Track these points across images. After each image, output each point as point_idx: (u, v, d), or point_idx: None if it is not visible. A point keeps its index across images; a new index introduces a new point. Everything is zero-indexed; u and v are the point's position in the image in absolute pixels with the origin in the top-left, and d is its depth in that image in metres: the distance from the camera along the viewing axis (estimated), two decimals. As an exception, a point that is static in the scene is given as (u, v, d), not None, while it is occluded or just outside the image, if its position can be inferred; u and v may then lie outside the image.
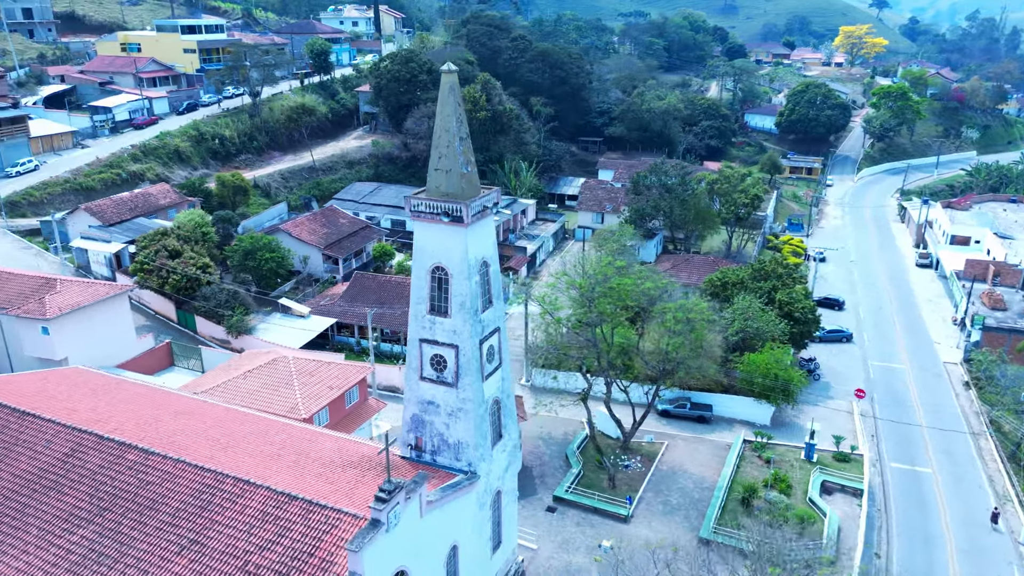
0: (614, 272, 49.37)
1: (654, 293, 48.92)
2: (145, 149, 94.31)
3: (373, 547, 26.28)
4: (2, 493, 30.99)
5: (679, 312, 47.03)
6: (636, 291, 48.63)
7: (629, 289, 48.36)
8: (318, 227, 78.64)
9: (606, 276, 49.01)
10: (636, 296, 48.65)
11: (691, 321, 47.09)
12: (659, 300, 49.16)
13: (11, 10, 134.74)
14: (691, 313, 47.29)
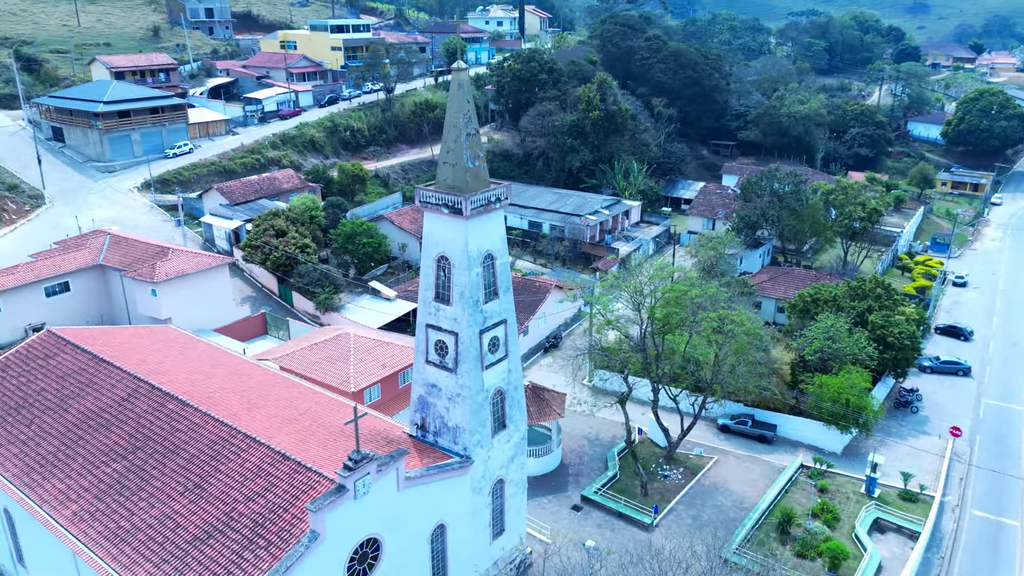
0: (665, 277, 48.33)
1: (699, 301, 47.29)
2: (284, 138, 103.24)
3: (336, 511, 28.21)
4: (68, 425, 36.19)
5: (714, 322, 45.23)
6: (684, 298, 47.32)
7: (678, 295, 47.17)
8: (416, 216, 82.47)
9: (659, 281, 48.11)
10: (683, 303, 47.34)
11: (728, 332, 45.13)
12: (704, 309, 47.46)
13: (196, 9, 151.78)
14: (728, 324, 45.33)
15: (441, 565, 34.99)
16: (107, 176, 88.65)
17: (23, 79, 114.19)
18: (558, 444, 50.06)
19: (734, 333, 45.26)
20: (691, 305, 46.93)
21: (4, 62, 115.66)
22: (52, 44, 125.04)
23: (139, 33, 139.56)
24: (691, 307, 46.76)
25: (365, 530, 29.98)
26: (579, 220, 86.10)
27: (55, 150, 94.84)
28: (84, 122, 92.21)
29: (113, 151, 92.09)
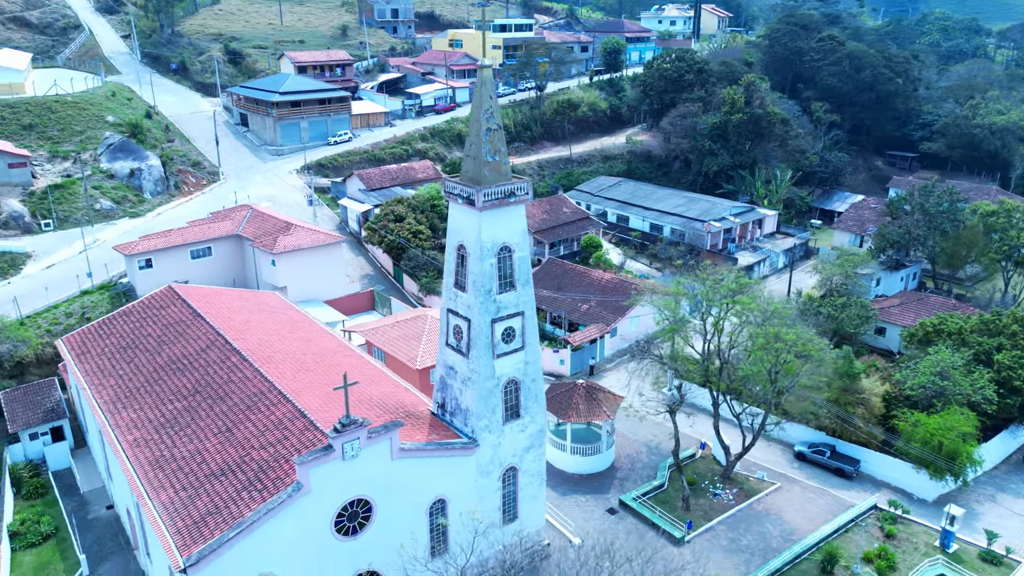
0: (732, 288, 46.17)
1: (760, 316, 44.57)
2: (434, 131, 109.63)
3: (322, 467, 30.98)
4: (155, 366, 42.34)
5: (760, 338, 42.42)
6: (748, 310, 44.94)
7: (742, 308, 44.93)
8: (538, 212, 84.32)
9: (728, 292, 46.14)
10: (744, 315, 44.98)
11: (776, 350, 42.19)
12: (766, 323, 44.66)
13: (383, 10, 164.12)
14: (777, 342, 42.32)
15: (442, 539, 36.76)
16: (275, 159, 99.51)
17: (228, 71, 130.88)
18: (609, 446, 49.76)
19: (780, 351, 42.36)
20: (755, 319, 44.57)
21: (214, 55, 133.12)
22: (255, 40, 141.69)
23: (330, 32, 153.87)
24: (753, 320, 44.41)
25: (354, 491, 32.48)
26: (701, 226, 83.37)
27: (239, 134, 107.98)
28: (263, 110, 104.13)
29: (284, 137, 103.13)
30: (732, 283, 46.86)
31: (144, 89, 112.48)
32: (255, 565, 30.23)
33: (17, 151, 77.02)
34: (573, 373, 61.24)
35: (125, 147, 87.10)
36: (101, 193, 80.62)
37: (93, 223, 76.06)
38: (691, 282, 48.41)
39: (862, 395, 49.47)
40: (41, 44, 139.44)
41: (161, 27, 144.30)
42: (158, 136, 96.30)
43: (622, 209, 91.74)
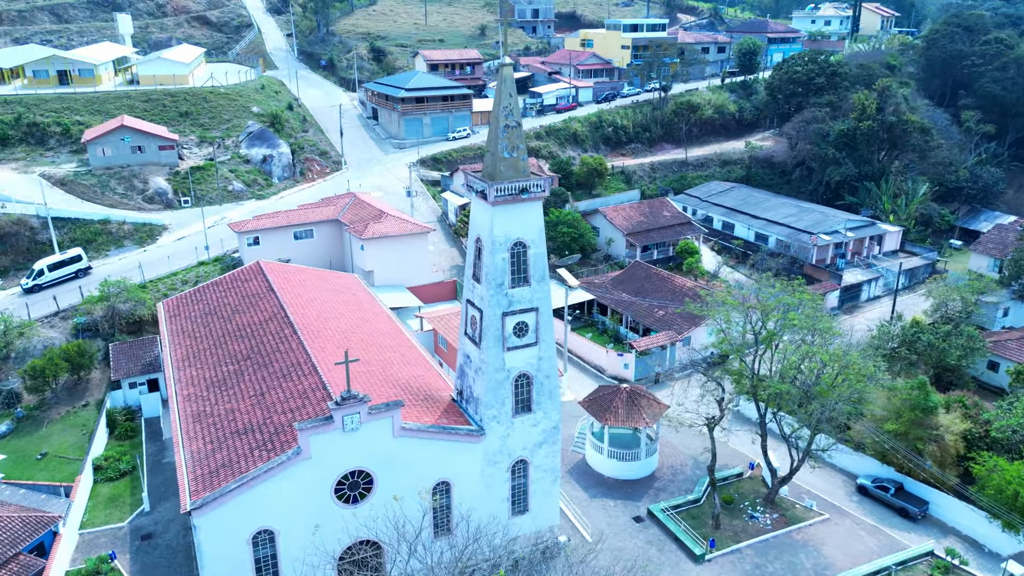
0: (781, 304, 43.59)
1: (805, 332, 41.60)
2: (549, 130, 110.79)
3: (321, 436, 33.27)
4: (224, 331, 46.84)
5: (794, 357, 39.52)
6: (795, 325, 42.26)
7: (791, 325, 42.33)
8: (635, 215, 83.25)
9: (780, 306, 43.71)
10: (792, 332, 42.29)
11: (808, 370, 39.21)
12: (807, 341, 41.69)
13: (523, 10, 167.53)
14: (809, 362, 39.27)
15: (446, 520, 38.05)
16: (397, 152, 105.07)
17: (370, 68, 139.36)
18: (649, 453, 48.78)
19: (814, 370, 39.48)
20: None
21: (359, 53, 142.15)
22: (399, 39, 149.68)
23: (469, 31, 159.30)
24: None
25: (354, 461, 34.51)
26: (808, 238, 78.56)
27: (369, 127, 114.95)
28: (390, 105, 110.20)
29: (407, 131, 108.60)
30: (788, 297, 44.27)
31: (293, 83, 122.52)
32: (256, 517, 33.07)
33: (167, 135, 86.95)
34: (637, 379, 60.28)
35: (262, 135, 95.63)
36: (235, 176, 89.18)
37: (224, 203, 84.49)
38: (730, 291, 46.28)
39: (936, 431, 45.06)
40: (217, 40, 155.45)
41: (318, 27, 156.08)
42: (295, 126, 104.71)
43: (728, 216, 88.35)
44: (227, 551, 32.97)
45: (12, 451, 49.30)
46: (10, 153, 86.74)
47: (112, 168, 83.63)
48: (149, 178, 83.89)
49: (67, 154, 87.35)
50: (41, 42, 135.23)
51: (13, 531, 37.38)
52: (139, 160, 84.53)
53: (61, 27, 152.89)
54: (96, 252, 73.05)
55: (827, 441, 45.06)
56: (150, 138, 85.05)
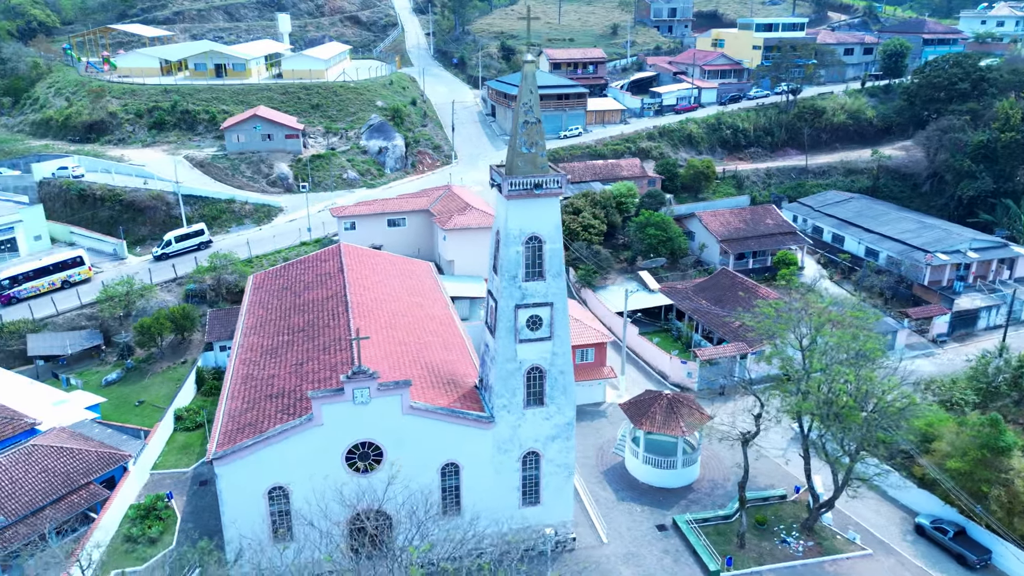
0: (832, 318, 40.76)
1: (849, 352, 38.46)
2: (664, 130, 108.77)
3: (333, 406, 35.73)
4: (292, 305, 50.78)
5: (820, 377, 36.52)
6: (845, 345, 39.36)
7: (838, 343, 39.52)
8: (734, 221, 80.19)
9: (822, 321, 41.03)
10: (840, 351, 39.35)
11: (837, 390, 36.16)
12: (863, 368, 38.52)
13: (660, 9, 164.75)
14: (838, 380, 36.16)
15: (455, 500, 39.36)
16: (507, 148, 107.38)
17: (499, 66, 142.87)
18: (687, 463, 47.43)
19: (841, 392, 36.54)
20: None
21: (490, 51, 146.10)
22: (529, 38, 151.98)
23: (601, 30, 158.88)
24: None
25: (364, 433, 36.67)
26: (922, 256, 72.12)
27: (487, 123, 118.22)
28: (506, 103, 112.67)
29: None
30: (836, 313, 41.51)
31: (423, 79, 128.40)
32: (271, 473, 36.08)
33: (294, 125, 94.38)
34: (700, 389, 58.53)
35: (381, 128, 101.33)
36: (352, 165, 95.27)
37: (337, 189, 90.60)
38: (779, 303, 43.86)
39: (1006, 474, 40.55)
40: (365, 39, 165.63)
41: (456, 26, 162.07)
42: (415, 121, 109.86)
43: (840, 228, 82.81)
44: (245, 502, 36.22)
45: (116, 396, 56.30)
46: (164, 136, 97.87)
47: (244, 153, 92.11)
48: (274, 163, 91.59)
49: (211, 139, 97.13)
50: (214, 38, 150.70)
51: (89, 463, 43.01)
52: (267, 147, 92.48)
53: (232, 25, 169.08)
54: (219, 228, 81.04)
55: (875, 469, 41.79)
56: (278, 127, 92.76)
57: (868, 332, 40.81)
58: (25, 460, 41.40)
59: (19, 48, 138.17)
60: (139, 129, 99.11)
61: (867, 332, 40.68)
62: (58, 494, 40.87)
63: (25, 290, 66.86)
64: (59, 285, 68.33)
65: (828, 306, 42.50)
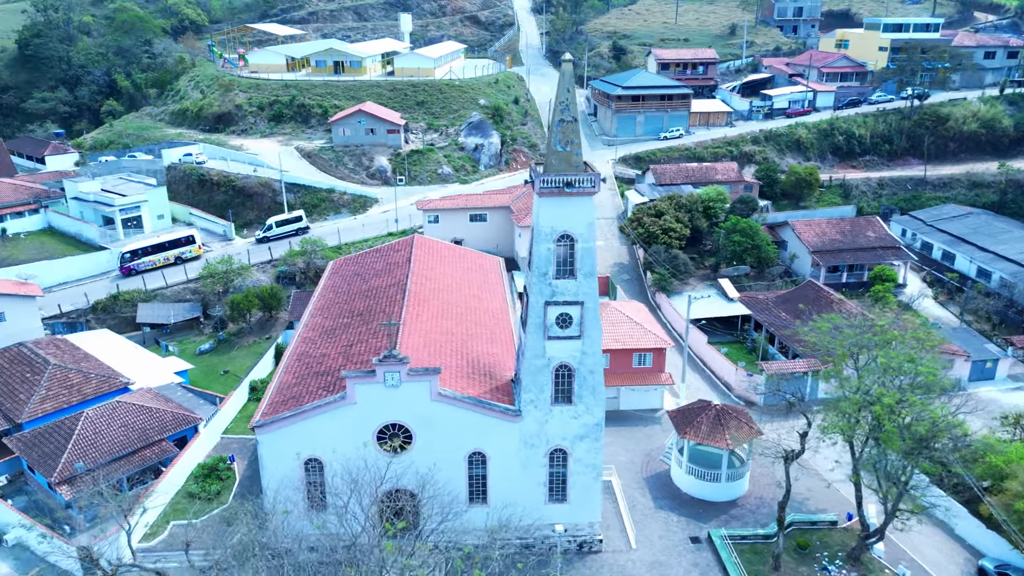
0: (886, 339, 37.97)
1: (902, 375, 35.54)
2: (771, 134, 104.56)
3: (365, 387, 37.48)
4: (358, 290, 53.34)
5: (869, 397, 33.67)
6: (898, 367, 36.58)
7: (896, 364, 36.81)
8: (830, 231, 75.97)
9: (880, 340, 38.36)
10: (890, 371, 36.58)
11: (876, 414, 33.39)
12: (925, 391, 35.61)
13: (784, 8, 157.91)
14: (881, 408, 33.30)
15: (480, 487, 40.17)
16: (604, 148, 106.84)
17: (608, 66, 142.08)
18: (733, 477, 45.75)
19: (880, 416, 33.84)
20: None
21: (601, 51, 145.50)
22: (643, 38, 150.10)
23: (718, 30, 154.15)
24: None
25: (393, 415, 38.21)
26: (1040, 280, 65.50)
27: (587, 123, 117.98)
28: (606, 102, 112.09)
29: (619, 128, 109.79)
30: (895, 332, 38.74)
31: (529, 79, 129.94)
32: (308, 445, 38.32)
33: (396, 120, 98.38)
34: (766, 404, 56.17)
35: (480, 126, 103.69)
36: (447, 161, 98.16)
37: (431, 184, 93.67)
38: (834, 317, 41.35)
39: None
40: (482, 38, 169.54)
41: (570, 26, 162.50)
42: (515, 119, 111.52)
43: (952, 245, 76.56)
44: (283, 470, 38.69)
45: (204, 365, 61.35)
46: (280, 128, 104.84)
47: (348, 146, 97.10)
48: (375, 157, 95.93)
49: (321, 132, 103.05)
50: (342, 37, 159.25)
51: (164, 422, 47.31)
52: (370, 140, 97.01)
53: (360, 24, 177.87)
54: (318, 215, 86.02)
55: (938, 501, 38.76)
56: (381, 122, 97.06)
57: (929, 355, 37.82)
58: (109, 415, 46.13)
59: (169, 44, 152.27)
60: (260, 121, 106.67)
61: (928, 355, 37.72)
62: (134, 447, 45.29)
63: (143, 263, 73.97)
64: (172, 261, 75.10)
65: (889, 324, 39.63)
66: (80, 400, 49.29)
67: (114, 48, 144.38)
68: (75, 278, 72.72)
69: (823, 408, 41.70)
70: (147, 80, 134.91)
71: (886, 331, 39.47)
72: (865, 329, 40.53)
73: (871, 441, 37.25)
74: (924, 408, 35.20)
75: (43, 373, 50.09)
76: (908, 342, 38.48)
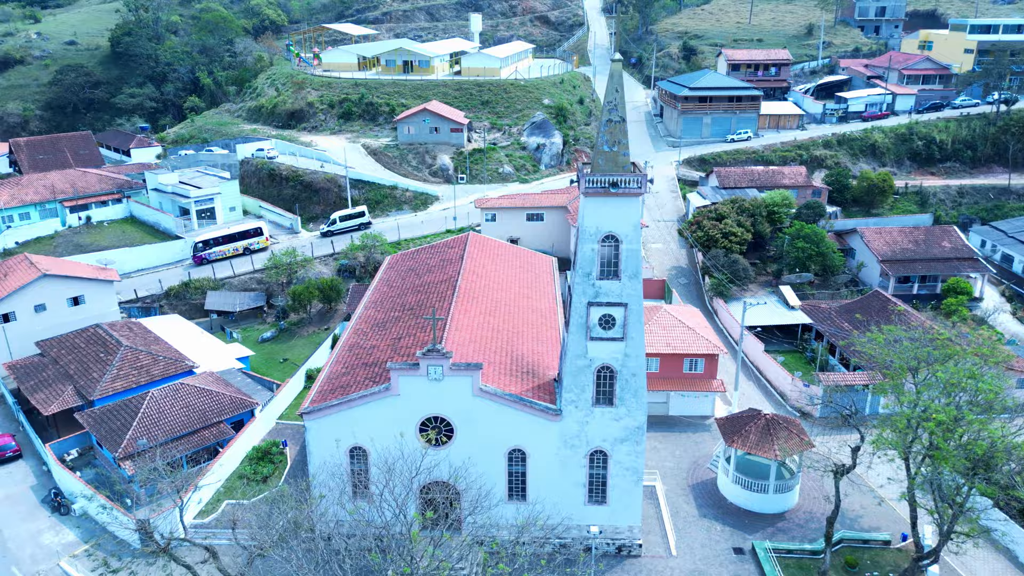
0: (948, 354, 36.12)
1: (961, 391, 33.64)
2: (843, 139, 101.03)
3: (409, 379, 38.18)
4: (411, 285, 54.29)
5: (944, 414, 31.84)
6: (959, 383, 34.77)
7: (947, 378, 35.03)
8: (902, 240, 72.92)
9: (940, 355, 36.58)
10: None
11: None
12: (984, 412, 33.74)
13: (866, 8, 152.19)
14: (932, 424, 31.51)
15: (519, 484, 40.37)
16: (668, 150, 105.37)
17: (677, 66, 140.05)
18: (782, 489, 44.50)
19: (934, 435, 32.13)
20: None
21: (670, 52, 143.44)
22: (715, 38, 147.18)
23: (795, 31, 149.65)
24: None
25: (435, 407, 38.78)
26: None
27: (652, 123, 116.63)
28: (674, 103, 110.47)
29: (684, 129, 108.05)
30: (956, 347, 36.91)
31: (596, 79, 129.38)
32: (352, 433, 39.30)
33: (459, 119, 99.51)
34: (822, 416, 54.41)
35: (543, 125, 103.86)
36: (509, 160, 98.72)
37: (492, 182, 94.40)
38: (893, 329, 39.64)
39: None
40: (551, 38, 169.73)
41: (640, 26, 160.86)
42: (578, 119, 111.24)
43: (1036, 258, 72.39)
44: (329, 456, 39.76)
45: (265, 352, 63.61)
46: (349, 126, 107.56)
47: (412, 144, 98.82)
48: (438, 155, 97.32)
49: (388, 130, 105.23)
50: (413, 37, 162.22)
51: (223, 405, 49.35)
52: (433, 139, 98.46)
53: (431, 24, 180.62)
54: (380, 211, 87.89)
55: (993, 522, 36.82)
56: (445, 121, 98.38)
57: (992, 371, 35.90)
58: (173, 395, 48.43)
59: (250, 43, 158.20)
60: (330, 118, 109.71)
61: (992, 371, 35.81)
62: (193, 428, 47.42)
63: (214, 253, 77.19)
64: (241, 251, 78.08)
65: (952, 338, 37.77)
66: (148, 381, 51.94)
67: (198, 47, 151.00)
68: (151, 265, 76.52)
69: (879, 423, 40.07)
70: (227, 78, 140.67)
71: (948, 345, 37.64)
72: (925, 342, 38.81)
73: (927, 459, 35.67)
74: (983, 427, 33.42)
75: (116, 354, 52.97)
76: (970, 357, 36.59)
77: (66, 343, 56.05)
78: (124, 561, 40.88)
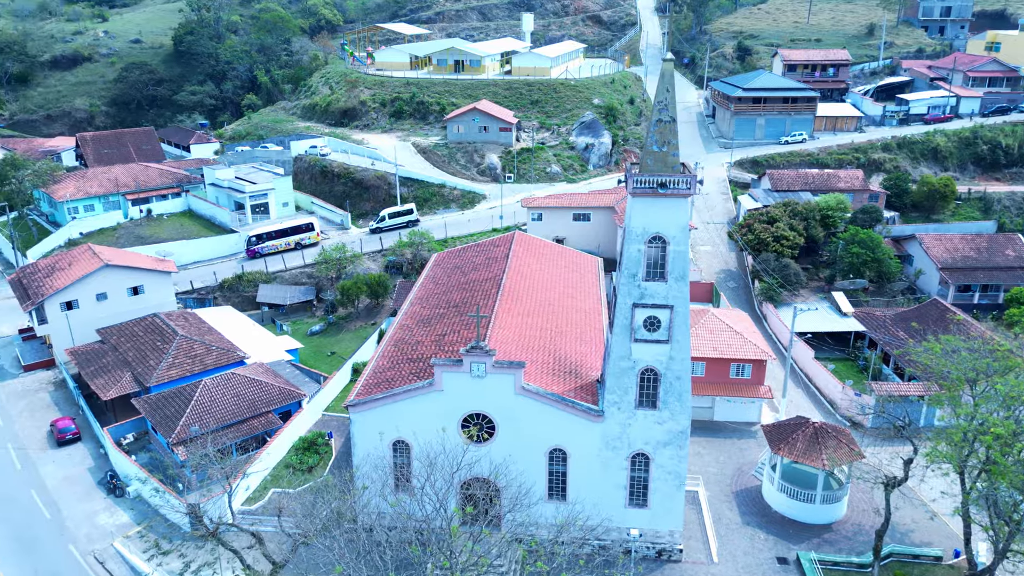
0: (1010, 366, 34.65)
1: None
2: (904, 142, 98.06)
3: (452, 375, 38.54)
4: (456, 282, 54.68)
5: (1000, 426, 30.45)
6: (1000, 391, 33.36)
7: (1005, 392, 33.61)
8: (963, 247, 70.41)
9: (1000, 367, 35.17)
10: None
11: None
12: None
13: (931, 8, 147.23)
14: (989, 437, 30.10)
15: (559, 484, 40.30)
16: (720, 151, 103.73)
17: (732, 67, 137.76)
18: (830, 499, 43.44)
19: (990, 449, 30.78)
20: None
21: (724, 52, 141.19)
22: (771, 38, 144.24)
23: (855, 30, 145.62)
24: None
25: (478, 404, 39.03)
26: None
27: (704, 124, 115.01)
28: (726, 104, 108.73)
29: (737, 131, 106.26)
30: (1016, 359, 35.47)
31: (647, 79, 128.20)
32: (396, 427, 39.80)
33: (508, 119, 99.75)
34: (874, 427, 52.88)
35: (592, 125, 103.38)
36: (557, 160, 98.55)
37: (539, 182, 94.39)
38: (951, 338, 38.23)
39: None
40: (603, 37, 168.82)
41: (693, 25, 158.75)
42: (628, 119, 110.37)
43: (1107, 269, 68.96)
44: (372, 449, 40.39)
45: (314, 345, 64.86)
46: (400, 124, 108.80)
47: (461, 143, 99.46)
48: (486, 154, 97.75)
49: (437, 128, 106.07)
50: (466, 36, 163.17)
51: (271, 395, 50.53)
52: (482, 138, 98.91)
53: (483, 24, 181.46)
54: (428, 209, 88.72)
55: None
56: (494, 120, 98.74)
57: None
58: (224, 385, 49.79)
59: (306, 42, 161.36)
60: (381, 117, 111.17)
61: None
62: (243, 417, 48.67)
63: (267, 247, 79.01)
64: (293, 246, 79.76)
65: (1011, 350, 36.29)
66: (201, 370, 53.50)
67: (257, 46, 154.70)
68: (207, 258, 78.75)
69: (933, 435, 38.78)
70: (284, 76, 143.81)
71: (1009, 357, 36.22)
72: (985, 353, 37.42)
73: (983, 474, 34.41)
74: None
75: (172, 343, 54.73)
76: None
77: (125, 331, 58.12)
78: (175, 544, 42.23)
